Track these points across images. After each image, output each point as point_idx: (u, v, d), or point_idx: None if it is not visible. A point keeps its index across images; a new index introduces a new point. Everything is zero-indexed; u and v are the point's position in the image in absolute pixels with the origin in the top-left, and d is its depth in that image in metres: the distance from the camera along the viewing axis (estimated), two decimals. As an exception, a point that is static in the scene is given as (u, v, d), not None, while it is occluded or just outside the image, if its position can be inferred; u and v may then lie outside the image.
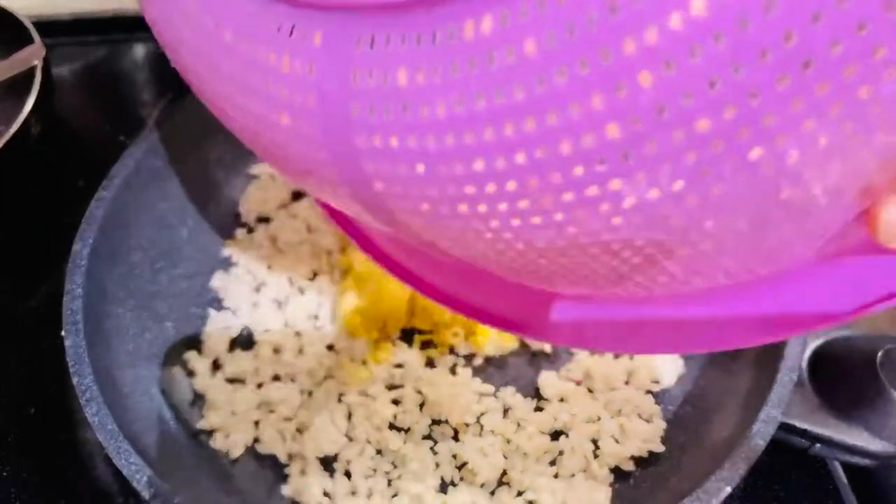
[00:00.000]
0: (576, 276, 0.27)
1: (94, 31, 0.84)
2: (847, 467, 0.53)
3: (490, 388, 0.55)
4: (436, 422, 0.53)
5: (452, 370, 0.56)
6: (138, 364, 0.52)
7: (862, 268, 0.28)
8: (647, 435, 0.52)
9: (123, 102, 0.78)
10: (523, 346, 0.58)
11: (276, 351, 0.57)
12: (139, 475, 0.42)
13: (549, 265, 0.26)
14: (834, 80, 0.18)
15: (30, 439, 0.54)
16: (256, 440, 0.52)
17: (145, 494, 0.42)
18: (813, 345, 0.50)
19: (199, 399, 0.54)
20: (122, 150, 0.57)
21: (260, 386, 0.55)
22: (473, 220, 0.24)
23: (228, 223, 0.64)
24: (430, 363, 0.57)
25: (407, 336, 0.58)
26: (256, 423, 0.53)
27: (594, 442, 0.52)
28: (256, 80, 0.24)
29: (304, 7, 0.21)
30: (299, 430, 0.53)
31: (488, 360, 0.58)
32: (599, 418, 0.53)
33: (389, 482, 0.51)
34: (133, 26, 0.84)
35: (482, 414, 0.54)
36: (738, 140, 0.19)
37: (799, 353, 0.47)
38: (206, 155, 0.63)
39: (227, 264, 0.62)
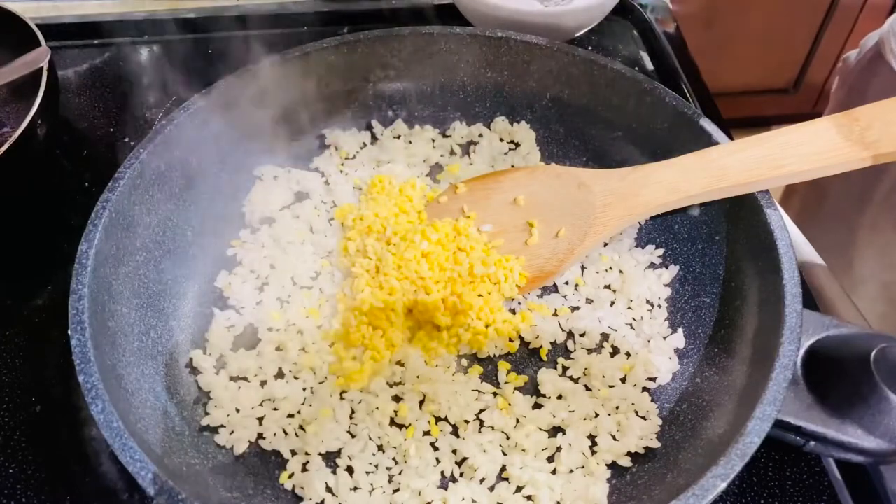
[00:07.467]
0: None
1: (99, 35, 0.85)
2: (841, 464, 0.53)
3: (489, 386, 0.56)
4: (436, 419, 0.54)
5: (452, 368, 0.57)
6: (143, 362, 0.53)
7: None
8: (643, 432, 0.52)
9: (128, 105, 0.78)
10: (523, 345, 0.59)
11: (280, 349, 0.57)
12: (144, 472, 0.43)
13: None
14: None
15: (36, 437, 0.54)
16: (260, 437, 0.53)
17: (150, 491, 0.42)
18: (808, 343, 0.50)
19: (203, 396, 0.55)
20: (127, 151, 0.58)
21: (263, 383, 0.56)
22: None
23: (233, 224, 0.65)
24: (431, 362, 0.57)
25: (408, 335, 0.59)
26: (260, 419, 0.54)
27: (592, 438, 0.53)
28: None
29: None
30: (302, 427, 0.53)
31: (488, 359, 0.58)
32: (597, 415, 0.54)
33: (391, 478, 0.51)
34: (138, 30, 0.85)
35: (482, 411, 0.54)
36: None
37: (794, 351, 0.47)
38: (211, 156, 0.64)
39: (231, 264, 0.63)
